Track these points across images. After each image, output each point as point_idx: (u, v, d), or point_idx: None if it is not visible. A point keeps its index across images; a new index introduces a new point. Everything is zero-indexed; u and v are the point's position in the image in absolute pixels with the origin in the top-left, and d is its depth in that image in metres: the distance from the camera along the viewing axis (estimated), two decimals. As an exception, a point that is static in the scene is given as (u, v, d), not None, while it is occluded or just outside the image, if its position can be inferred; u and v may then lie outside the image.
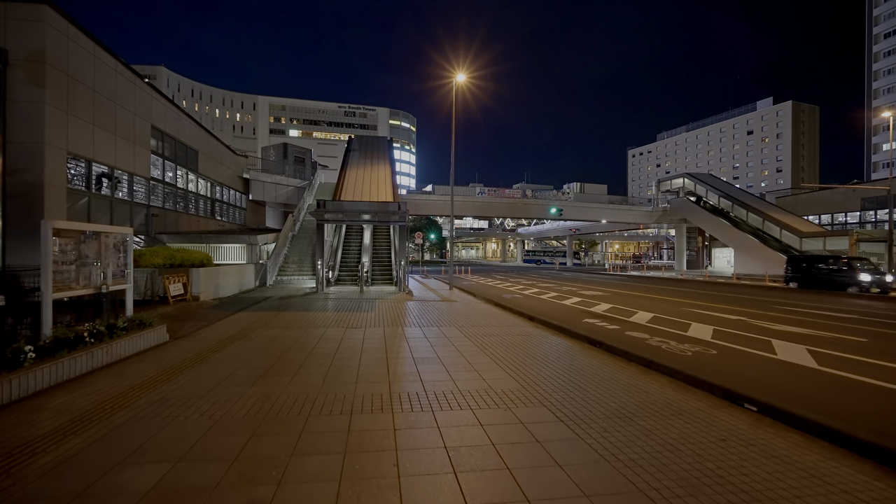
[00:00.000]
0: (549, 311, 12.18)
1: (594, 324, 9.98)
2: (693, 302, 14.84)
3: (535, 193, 39.90)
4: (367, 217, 14.78)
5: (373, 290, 16.04)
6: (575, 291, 18.49)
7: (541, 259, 71.39)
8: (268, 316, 10.04)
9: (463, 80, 18.10)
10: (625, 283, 24.98)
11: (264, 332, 8.07)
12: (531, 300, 15.05)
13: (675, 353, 7.01)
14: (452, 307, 12.34)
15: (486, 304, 13.49)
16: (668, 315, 11.50)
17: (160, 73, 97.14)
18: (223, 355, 6.24)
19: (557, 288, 20.35)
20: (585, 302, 14.52)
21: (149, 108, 16.04)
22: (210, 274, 12.85)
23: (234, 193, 25.40)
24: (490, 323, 9.68)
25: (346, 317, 10.13)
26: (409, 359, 6.26)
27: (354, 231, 22.96)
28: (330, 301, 13.09)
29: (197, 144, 20.10)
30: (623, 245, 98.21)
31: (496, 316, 10.83)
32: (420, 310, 11.60)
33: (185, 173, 19.20)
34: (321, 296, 14.25)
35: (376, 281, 18.64)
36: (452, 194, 18.65)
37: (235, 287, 14.82)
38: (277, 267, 18.71)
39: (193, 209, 20.01)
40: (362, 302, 12.99)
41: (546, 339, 7.97)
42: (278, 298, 13.49)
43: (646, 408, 4.35)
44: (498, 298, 14.97)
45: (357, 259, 19.71)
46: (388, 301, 13.35)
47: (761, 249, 32.89)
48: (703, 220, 39.66)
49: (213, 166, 21.90)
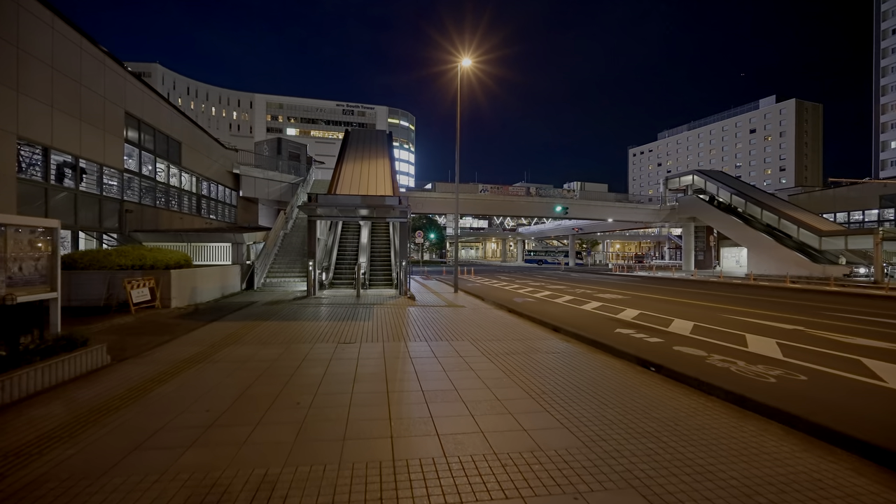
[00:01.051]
0: (571, 318, 10.66)
1: (630, 336, 8.46)
2: (728, 307, 13.33)
3: (539, 191, 38.43)
4: (364, 212, 13.25)
5: (371, 294, 14.51)
6: (590, 294, 16.98)
7: (542, 259, 70.07)
8: (246, 327, 8.49)
9: (468, 64, 16.61)
10: (639, 284, 23.48)
11: (235, 351, 6.52)
12: (546, 305, 13.53)
13: (755, 379, 5.49)
14: (461, 314, 10.81)
15: (497, 309, 11.96)
16: (710, 324, 9.99)
17: (155, 70, 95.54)
18: (169, 389, 4.69)
19: (570, 290, 18.84)
20: (607, 307, 13.00)
21: (122, 92, 14.46)
22: (185, 277, 11.30)
23: (223, 189, 23.82)
24: (509, 335, 8.15)
25: (339, 328, 8.59)
26: (416, 391, 4.73)
27: (351, 229, 21.41)
28: (322, 307, 11.54)
29: (179, 135, 18.52)
30: (624, 245, 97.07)
31: (513, 326, 9.30)
32: (425, 318, 10.06)
33: (166, 166, 17.62)
34: (313, 301, 12.70)
35: (375, 283, 17.10)
36: (458, 189, 17.13)
37: (217, 291, 13.26)
38: (267, 268, 17.15)
39: (176, 205, 18.44)
40: (359, 308, 11.45)
41: (583, 358, 6.44)
42: (264, 304, 11.94)
43: (799, 493, 2.83)
44: (509, 303, 13.46)
45: (354, 259, 18.16)
46: (388, 307, 11.81)
47: (777, 249, 31.47)
48: (713, 219, 38.22)
49: (198, 160, 20.32)
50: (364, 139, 25.74)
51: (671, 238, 76.09)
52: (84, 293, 10.04)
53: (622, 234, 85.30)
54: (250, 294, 14.34)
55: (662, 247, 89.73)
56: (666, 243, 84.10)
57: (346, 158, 21.71)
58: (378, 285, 17.02)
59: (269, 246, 17.46)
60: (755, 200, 34.71)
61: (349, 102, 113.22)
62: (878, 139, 68.10)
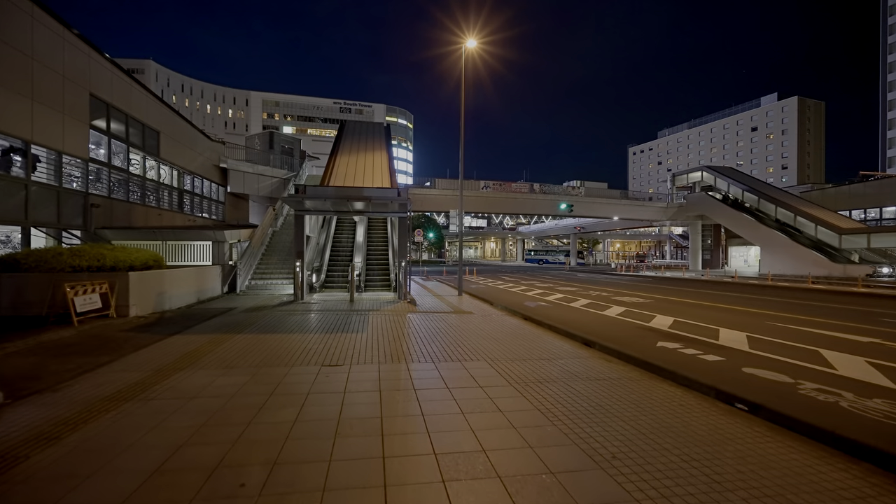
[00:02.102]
0: (599, 328, 9.14)
1: (681, 353, 6.95)
2: (768, 312, 11.85)
3: (543, 188, 36.93)
4: (359, 206, 11.70)
5: (367, 298, 12.97)
6: (608, 297, 15.47)
7: (543, 259, 68.78)
8: (211, 342, 6.94)
9: (473, 45, 15.09)
10: (654, 285, 21.99)
11: (185, 380, 4.97)
12: (564, 310, 12.02)
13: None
14: (470, 323, 9.28)
15: (511, 317, 10.43)
16: (763, 334, 8.49)
17: (148, 66, 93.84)
18: (56, 454, 3.15)
19: (583, 292, 17.33)
20: (633, 313, 11.49)
21: (86, 71, 12.87)
22: (148, 280, 9.73)
23: (209, 184, 22.21)
24: (533, 352, 6.63)
25: (326, 342, 7.05)
26: (427, 455, 3.20)
27: (346, 227, 19.86)
28: (309, 314, 9.99)
29: (157, 123, 16.92)
30: (624, 244, 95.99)
31: (535, 338, 7.78)
32: (429, 328, 8.53)
33: (141, 158, 16.02)
34: (300, 307, 11.14)
35: (371, 286, 15.56)
36: (462, 182, 15.59)
37: (192, 295, 11.70)
38: (252, 269, 15.59)
39: (154, 201, 16.84)
40: (352, 316, 9.91)
41: (639, 388, 4.92)
42: (243, 311, 10.39)
43: None
44: (522, 308, 11.94)
45: (348, 259, 16.62)
46: (386, 314, 10.27)
47: (792, 248, 30.05)
48: (724, 216, 36.76)
49: (179, 151, 18.72)
50: (360, 131, 24.16)
51: (672, 237, 74.98)
52: (25, 300, 8.47)
53: (622, 234, 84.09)
54: (231, 298, 12.78)
55: (663, 246, 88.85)
56: (667, 242, 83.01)
57: (341, 151, 20.14)
58: (375, 288, 15.47)
59: (255, 245, 15.89)
60: (769, 197, 33.29)
61: (346, 100, 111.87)
62: (886, 136, 66.89)
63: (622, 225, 54.89)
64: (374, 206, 11.66)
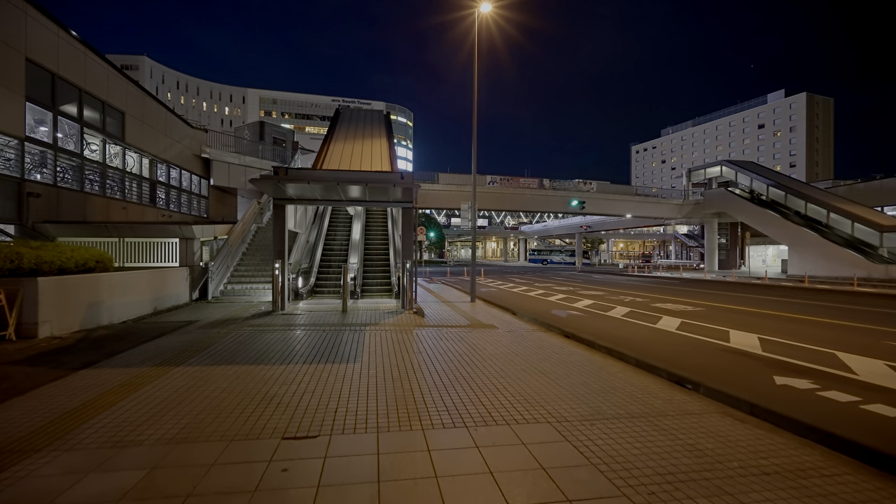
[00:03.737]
0: (669, 350, 6.83)
1: (836, 402, 4.65)
2: (859, 325, 9.57)
3: (553, 184, 34.63)
4: (354, 193, 9.38)
5: (363, 307, 10.68)
6: (645, 304, 13.17)
7: (547, 259, 66.68)
8: (126, 386, 4.64)
9: (488, 9, 12.85)
10: (687, 289, 19.66)
11: (24, 482, 2.68)
12: (605, 322, 9.71)
13: None
14: (497, 343, 6.99)
15: (545, 332, 8.14)
16: (891, 359, 6.20)
17: (142, 62, 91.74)
18: None
19: (611, 297, 15.03)
20: (694, 326, 9.18)
21: (20, 30, 10.57)
22: (73, 287, 7.43)
23: (189, 176, 19.91)
24: (610, 399, 4.34)
25: (299, 384, 4.76)
26: None
27: (341, 222, 17.57)
28: (288, 332, 7.69)
29: (121, 103, 14.62)
30: (628, 244, 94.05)
31: (595, 369, 5.49)
32: (446, 353, 6.24)
33: (101, 141, 13.71)
34: (278, 319, 8.83)
35: (370, 291, 13.26)
36: (475, 174, 13.29)
37: (146, 304, 9.40)
38: (229, 271, 13.28)
39: (118, 192, 14.54)
40: (342, 334, 7.61)
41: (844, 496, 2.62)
42: (203, 326, 8.08)
43: None
44: (552, 319, 9.65)
45: (342, 260, 14.32)
46: (388, 329, 7.97)
47: (825, 247, 27.79)
48: (745, 213, 34.48)
49: (150, 136, 16.41)
50: (357, 118, 21.87)
51: (678, 236, 72.89)
52: None
53: (627, 233, 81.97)
54: (197, 308, 10.47)
55: (668, 246, 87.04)
56: (672, 242, 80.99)
57: (335, 138, 17.84)
58: (373, 293, 13.17)
59: (233, 242, 13.58)
60: (797, 192, 31.01)
61: (345, 98, 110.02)
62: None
63: (634, 223, 52.64)
64: (373, 193, 9.35)
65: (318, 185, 8.77)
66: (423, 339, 7.25)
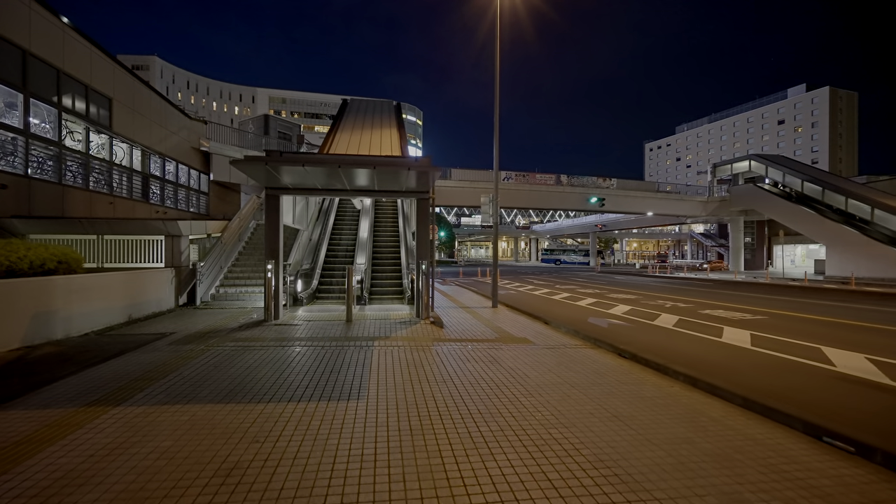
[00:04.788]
0: (785, 383, 5.17)
1: None
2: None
3: (571, 179, 32.88)
4: (361, 181, 7.88)
5: (371, 316, 9.19)
6: (691, 310, 11.47)
7: (559, 259, 65.04)
8: (28, 441, 3.20)
9: None
10: (726, 292, 17.83)
11: None
12: (658, 335, 8.07)
13: None
14: (539, 365, 5.43)
15: (591, 349, 6.55)
16: None
17: (153, 62, 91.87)
18: None
19: (647, 301, 13.34)
20: (770, 341, 7.50)
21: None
22: (9, 293, 6.03)
23: (188, 171, 18.65)
24: (736, 467, 2.77)
25: (276, 444, 3.26)
26: None
27: (347, 219, 16.13)
28: (277, 350, 6.23)
29: (108, 88, 13.34)
30: (641, 243, 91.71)
31: (692, 416, 3.90)
32: (478, 383, 4.70)
33: (84, 129, 12.44)
34: (269, 332, 7.38)
35: (378, 295, 11.77)
36: (497, 167, 11.73)
37: (119, 312, 8.02)
38: (223, 272, 11.91)
39: (104, 186, 13.26)
40: (345, 353, 6.12)
41: None
42: (176, 342, 6.66)
43: None
44: (596, 332, 8.05)
45: (348, 260, 12.87)
46: (400, 346, 6.47)
47: (868, 245, 25.70)
48: (777, 210, 32.35)
49: (143, 126, 15.14)
50: (365, 108, 20.44)
51: (694, 235, 70.58)
52: None
53: (641, 233, 79.78)
54: (181, 316, 9.08)
55: (683, 245, 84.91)
56: (688, 241, 78.70)
57: (342, 127, 16.42)
58: (383, 298, 11.68)
59: (227, 241, 12.21)
60: (836, 188, 28.86)
61: (354, 96, 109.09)
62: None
63: (655, 221, 50.52)
64: (382, 180, 7.83)
65: (317, 169, 7.29)
66: (446, 360, 5.73)
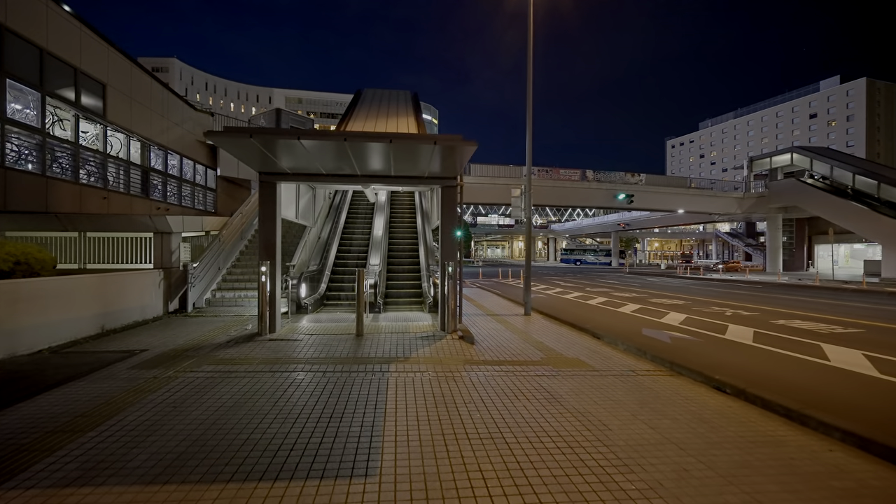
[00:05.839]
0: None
1: None
2: None
3: (597, 175, 30.95)
4: (375, 164, 6.31)
5: (387, 327, 7.71)
6: (763, 320, 9.63)
7: (579, 259, 63.14)
8: None
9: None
10: (789, 297, 15.78)
11: None
12: (742, 354, 6.33)
13: None
14: (615, 406, 3.84)
15: (674, 377, 4.91)
16: None
17: (172, 64, 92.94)
18: None
19: (702, 308, 11.52)
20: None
21: (-55, -38, 8.14)
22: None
23: (193, 165, 17.54)
24: None
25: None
26: None
27: (361, 216, 14.75)
28: (264, 380, 4.79)
29: (101, 72, 12.22)
30: (663, 243, 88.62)
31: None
32: (538, 439, 3.15)
33: (73, 116, 11.32)
34: (260, 352, 5.96)
35: (394, 301, 10.29)
36: (530, 159, 10.13)
37: (88, 322, 6.74)
38: (220, 274, 10.61)
39: (97, 179, 12.12)
40: (352, 385, 4.63)
41: None
42: (140, 365, 5.30)
43: None
44: (664, 350, 6.37)
45: (361, 261, 11.45)
46: (423, 373, 4.96)
47: (933, 245, 23.17)
48: (824, 207, 29.76)
49: (141, 116, 14.02)
50: (381, 97, 19.05)
51: (719, 235, 67.54)
52: None
53: (663, 232, 76.90)
54: (165, 326, 7.76)
55: (707, 245, 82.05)
56: (713, 241, 75.68)
57: (355, 115, 15.01)
58: (400, 305, 10.20)
59: (227, 239, 10.92)
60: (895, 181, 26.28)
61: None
62: None
63: (684, 219, 47.94)
64: (400, 163, 6.29)
65: (321, 148, 5.83)
66: (486, 396, 4.19)
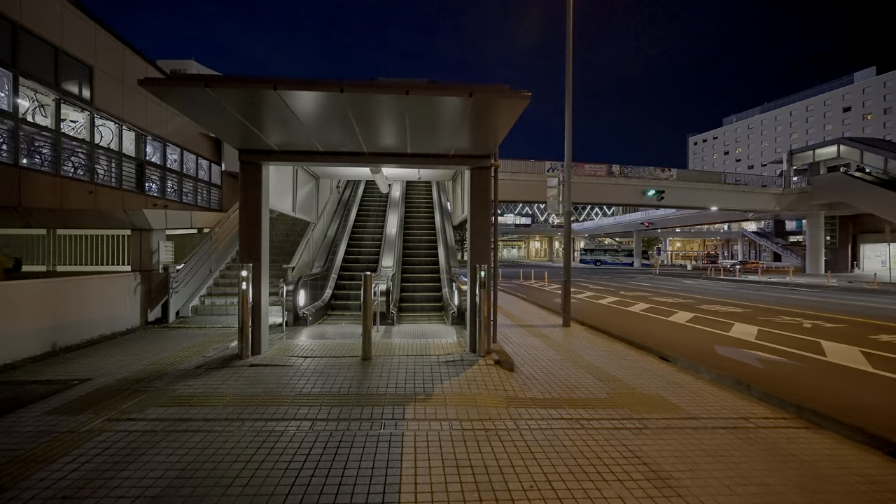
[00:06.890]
0: None
1: None
2: None
3: (624, 170, 29.00)
4: (387, 139, 4.80)
5: (401, 345, 6.21)
6: (861, 335, 7.80)
7: (600, 259, 61.17)
8: None
9: None
10: (859, 302, 13.71)
11: None
12: (873, 389, 4.65)
13: None
14: (766, 497, 2.27)
15: (824, 438, 3.26)
16: None
17: (190, 66, 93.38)
18: None
19: (767, 317, 9.68)
20: None
21: None
22: None
23: (195, 159, 16.40)
24: None
25: None
26: None
27: (373, 214, 13.32)
28: (227, 437, 3.33)
29: (87, 53, 11.06)
30: (685, 243, 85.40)
31: None
32: None
33: (54, 101, 10.16)
34: (235, 383, 4.51)
35: (410, 311, 8.79)
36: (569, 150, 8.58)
37: (32, 338, 5.42)
38: (212, 277, 9.28)
39: (83, 172, 10.96)
40: (352, 442, 3.12)
41: None
42: (58, 410, 3.90)
43: None
44: (770, 384, 4.64)
45: (372, 263, 9.99)
46: (450, 420, 3.42)
47: None
48: (878, 203, 27.16)
49: (135, 103, 12.87)
50: (394, 85, 17.60)
51: (746, 234, 64.46)
52: None
53: (686, 232, 73.92)
54: (135, 341, 6.42)
55: (733, 245, 78.78)
56: (738, 241, 72.46)
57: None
58: (417, 315, 8.70)
59: (221, 238, 9.59)
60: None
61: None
62: None
63: (719, 217, 45.45)
64: (418, 135, 4.72)
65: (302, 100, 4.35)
66: (551, 474, 2.63)
